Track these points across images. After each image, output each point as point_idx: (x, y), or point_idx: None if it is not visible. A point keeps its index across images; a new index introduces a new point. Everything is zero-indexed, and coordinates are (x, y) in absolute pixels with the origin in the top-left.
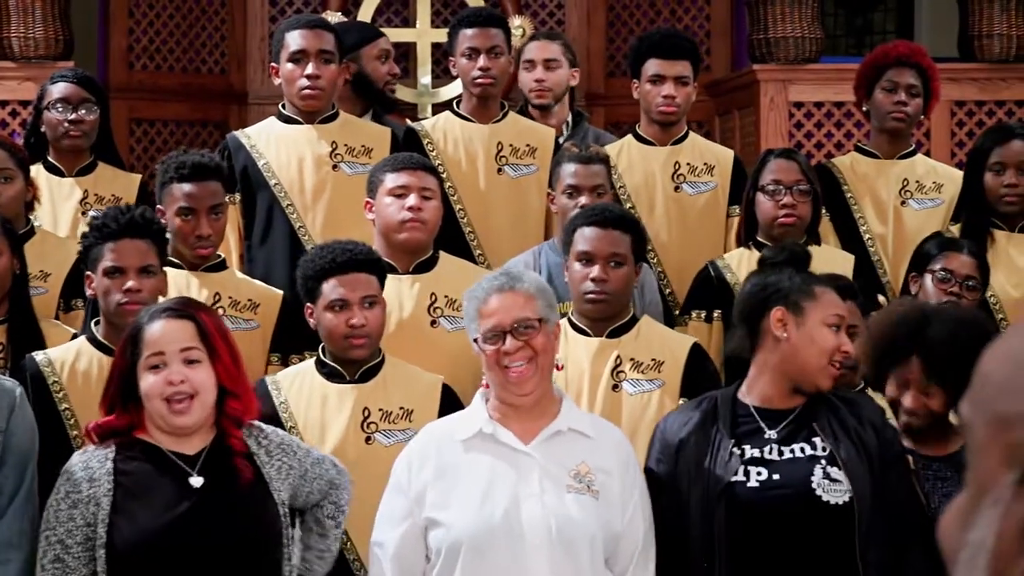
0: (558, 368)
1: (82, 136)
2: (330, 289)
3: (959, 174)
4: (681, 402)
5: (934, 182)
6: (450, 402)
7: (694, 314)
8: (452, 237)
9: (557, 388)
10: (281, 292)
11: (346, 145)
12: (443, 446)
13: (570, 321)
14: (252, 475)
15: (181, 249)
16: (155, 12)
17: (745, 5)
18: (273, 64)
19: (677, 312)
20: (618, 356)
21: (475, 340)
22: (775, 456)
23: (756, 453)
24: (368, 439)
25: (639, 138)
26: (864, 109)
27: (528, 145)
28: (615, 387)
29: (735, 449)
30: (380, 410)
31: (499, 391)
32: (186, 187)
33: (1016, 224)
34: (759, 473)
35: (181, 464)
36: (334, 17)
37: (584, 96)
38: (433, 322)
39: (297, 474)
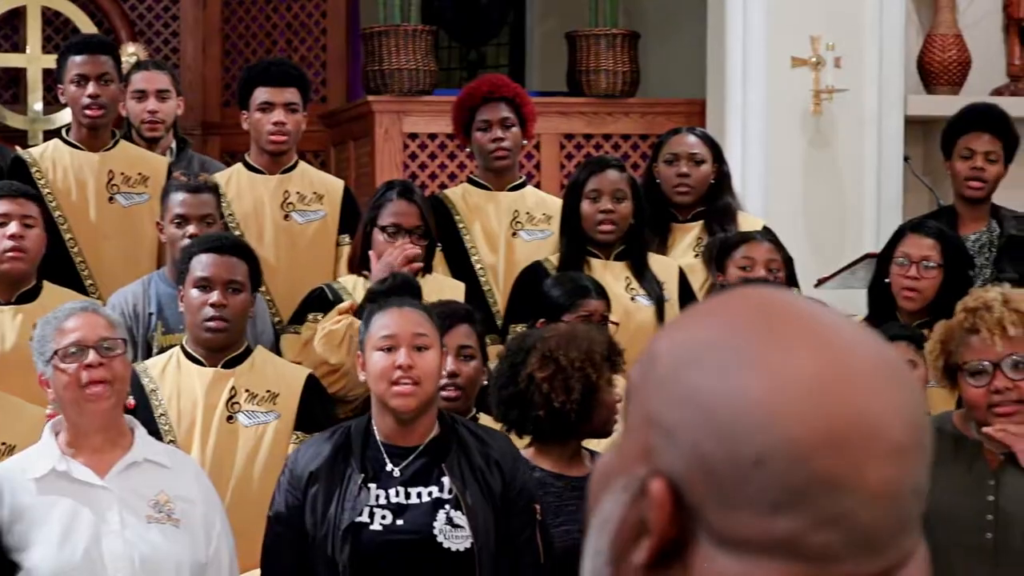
0: (129, 406)
1: None
2: None
3: None
4: (295, 435)
5: (544, 213)
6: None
7: (309, 316)
8: (62, 267)
9: (129, 419)
10: None
11: None
12: (16, 486)
13: (184, 351)
14: None
15: None
16: None
17: (360, 37)
18: None
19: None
20: (233, 387)
21: (50, 360)
22: (401, 499)
23: (383, 494)
24: None
25: (249, 167)
26: (468, 150)
27: (140, 174)
28: (230, 418)
29: (364, 487)
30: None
31: (72, 413)
32: None
33: (611, 252)
34: (384, 516)
35: None
36: None
37: (200, 125)
38: None
39: None
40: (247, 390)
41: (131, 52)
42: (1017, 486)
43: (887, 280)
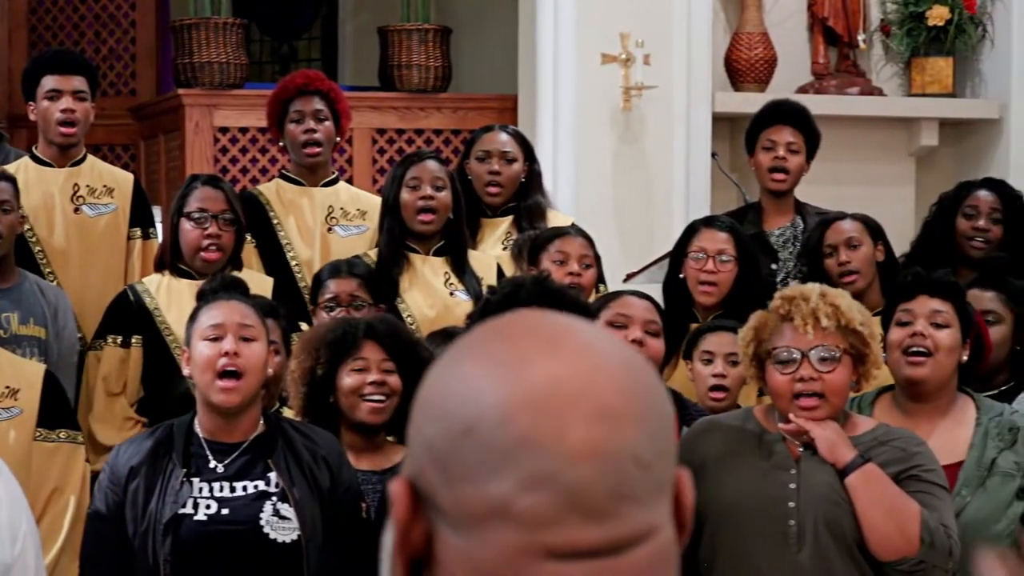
0: None
1: None
2: None
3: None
4: (38, 431)
5: (358, 209)
6: None
7: (110, 339)
8: None
9: None
10: None
11: None
12: None
13: None
14: None
15: None
16: None
17: (170, 29)
18: None
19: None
20: None
21: None
22: (226, 492)
23: (206, 487)
24: None
25: (36, 159)
26: (281, 144)
27: None
28: None
29: (186, 480)
30: None
31: None
32: None
33: (431, 247)
34: (208, 507)
35: None
36: None
37: (7, 118)
38: None
39: None
40: None
41: None
42: (817, 472)
43: (682, 276)
